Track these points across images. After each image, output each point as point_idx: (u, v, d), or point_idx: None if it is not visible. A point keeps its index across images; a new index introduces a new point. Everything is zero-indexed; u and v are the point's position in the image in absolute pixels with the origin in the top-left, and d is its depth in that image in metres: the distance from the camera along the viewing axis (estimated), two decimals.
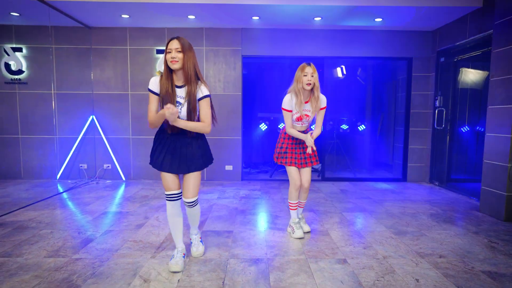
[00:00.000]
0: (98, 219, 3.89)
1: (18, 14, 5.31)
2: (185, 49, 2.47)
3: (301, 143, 3.37)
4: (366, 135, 7.48)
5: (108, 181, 6.06)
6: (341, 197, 5.08)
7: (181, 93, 2.55)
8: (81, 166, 6.18)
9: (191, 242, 2.98)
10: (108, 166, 6.20)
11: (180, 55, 2.46)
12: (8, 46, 5.90)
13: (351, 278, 2.53)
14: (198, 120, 2.62)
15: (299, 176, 3.38)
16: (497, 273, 2.65)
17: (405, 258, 2.88)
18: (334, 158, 7.23)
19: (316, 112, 3.29)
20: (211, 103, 2.67)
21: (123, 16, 5.32)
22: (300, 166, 3.34)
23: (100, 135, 6.11)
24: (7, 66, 5.92)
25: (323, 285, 2.43)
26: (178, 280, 2.48)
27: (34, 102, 6.02)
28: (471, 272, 2.66)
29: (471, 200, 4.95)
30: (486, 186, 4.28)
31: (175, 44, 2.46)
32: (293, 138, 3.37)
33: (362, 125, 7.43)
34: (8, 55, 5.90)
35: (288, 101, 3.27)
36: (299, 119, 3.28)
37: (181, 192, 2.72)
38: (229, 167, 6.25)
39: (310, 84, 3.17)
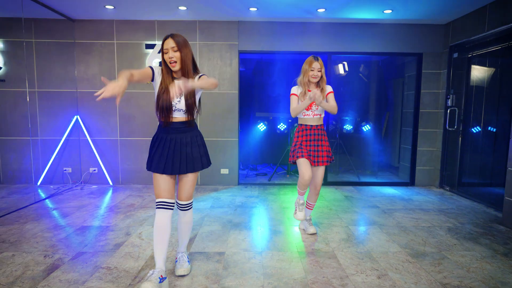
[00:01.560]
0: (72, 236, 3.43)
1: None
2: (181, 46, 2.38)
3: (315, 140, 3.32)
4: (370, 136, 7.00)
5: (94, 186, 5.60)
6: (346, 206, 4.62)
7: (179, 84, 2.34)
8: (65, 170, 5.71)
9: (177, 260, 2.69)
10: (95, 170, 5.74)
11: (177, 54, 2.37)
12: None
13: None
14: (193, 113, 2.50)
15: (309, 171, 3.25)
16: None
17: None
18: (337, 160, 6.76)
19: (325, 99, 3.31)
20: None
21: (107, 7, 4.84)
22: (314, 163, 3.31)
23: (86, 136, 5.64)
24: None
25: None
26: None
27: (13, 101, 5.54)
28: None
29: (489, 210, 4.50)
30: (510, 196, 3.82)
31: (170, 43, 2.36)
32: (306, 135, 3.32)
33: (367, 125, 6.95)
34: None
35: (296, 88, 3.36)
36: (309, 106, 3.28)
37: (174, 202, 2.45)
38: (224, 171, 5.79)
39: (315, 78, 3.25)
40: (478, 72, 5.37)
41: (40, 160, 5.65)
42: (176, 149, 2.44)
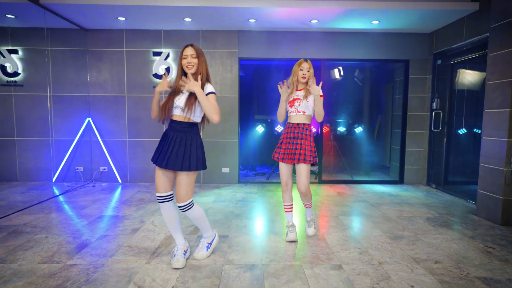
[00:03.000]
0: (93, 223, 3.88)
1: (13, 16, 5.28)
2: (199, 54, 2.74)
3: (295, 137, 3.26)
4: (363, 137, 7.47)
5: (104, 184, 6.04)
6: (338, 200, 5.07)
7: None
8: (77, 169, 6.16)
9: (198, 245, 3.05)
10: (105, 169, 6.18)
11: (195, 61, 2.72)
12: (3, 48, 5.88)
13: (346, 285, 2.53)
14: (190, 113, 2.72)
15: (286, 174, 3.34)
16: (492, 279, 2.64)
17: (400, 264, 2.87)
18: (331, 160, 7.22)
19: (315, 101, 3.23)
20: None
21: (119, 18, 5.30)
22: (291, 161, 3.23)
23: (97, 137, 6.09)
24: (3, 68, 5.89)
25: None
26: (173, 287, 2.47)
27: (30, 104, 6.00)
28: (466, 278, 2.65)
29: (468, 203, 4.96)
30: (483, 189, 4.28)
31: (190, 51, 2.71)
32: (288, 132, 3.31)
33: (359, 127, 7.42)
34: (3, 57, 5.87)
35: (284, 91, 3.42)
36: (292, 103, 3.34)
37: (170, 194, 2.79)
38: (225, 170, 6.23)
39: (305, 77, 3.32)
40: (460, 78, 5.84)
41: (54, 159, 6.09)
42: (171, 145, 2.67)
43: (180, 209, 2.75)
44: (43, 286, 2.48)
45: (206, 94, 2.69)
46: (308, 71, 3.32)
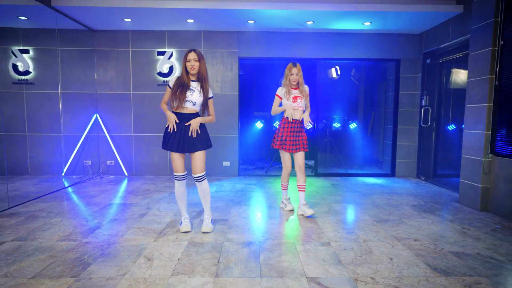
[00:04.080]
0: (103, 209, 4.20)
1: (25, 18, 5.60)
2: (200, 58, 3.28)
3: (296, 131, 3.96)
4: (357, 133, 7.79)
5: (111, 177, 6.37)
6: (331, 191, 5.39)
7: (194, 84, 3.32)
8: (86, 162, 6.48)
9: (203, 222, 3.52)
10: (111, 162, 6.50)
11: (197, 64, 3.27)
12: (15, 48, 6.21)
13: (332, 257, 2.85)
14: (206, 104, 3.39)
15: (290, 162, 4.08)
16: (463, 253, 2.97)
17: (383, 242, 3.20)
18: (326, 155, 7.55)
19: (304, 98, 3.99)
20: None
21: (125, 20, 5.63)
22: (296, 151, 3.96)
23: (104, 132, 6.42)
24: (15, 67, 6.22)
25: (307, 263, 2.75)
26: (178, 259, 2.79)
27: (41, 101, 6.32)
28: (440, 252, 2.98)
29: (453, 193, 5.27)
30: (464, 178, 4.60)
31: (193, 56, 3.26)
32: (290, 127, 3.95)
33: (354, 123, 7.74)
34: (15, 56, 6.20)
35: (280, 90, 4.01)
36: (294, 99, 3.92)
37: (186, 174, 3.39)
38: (226, 163, 6.56)
39: (295, 81, 3.93)
40: (448, 76, 6.15)
41: (64, 153, 6.42)
42: (185, 134, 3.26)
43: (197, 179, 3.34)
44: (63, 258, 2.81)
45: (209, 98, 3.38)
46: (298, 75, 3.87)
